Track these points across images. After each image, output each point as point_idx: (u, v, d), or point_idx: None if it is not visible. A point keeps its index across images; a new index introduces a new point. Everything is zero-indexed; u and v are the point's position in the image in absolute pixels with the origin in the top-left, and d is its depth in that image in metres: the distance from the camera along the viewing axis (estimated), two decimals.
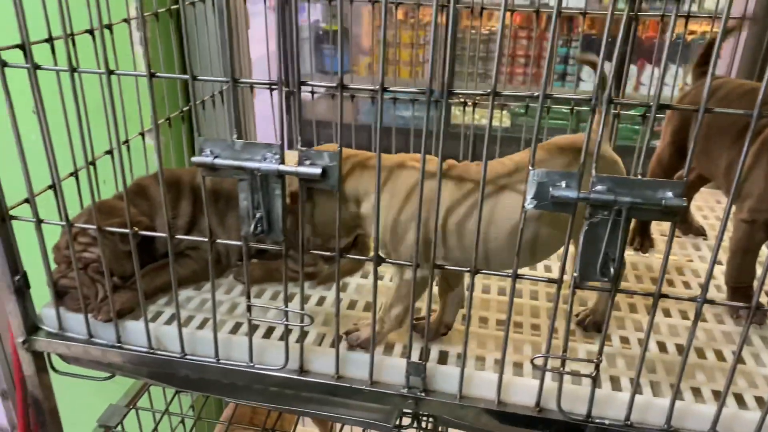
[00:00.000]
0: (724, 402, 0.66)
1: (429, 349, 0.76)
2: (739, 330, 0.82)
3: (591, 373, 0.67)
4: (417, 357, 0.74)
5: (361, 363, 0.75)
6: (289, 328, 0.75)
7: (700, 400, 0.70)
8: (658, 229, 1.08)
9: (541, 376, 0.69)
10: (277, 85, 0.62)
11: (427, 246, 0.69)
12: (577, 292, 0.63)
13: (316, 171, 0.63)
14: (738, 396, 0.71)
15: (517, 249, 0.63)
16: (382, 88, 0.61)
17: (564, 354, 0.66)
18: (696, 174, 1.02)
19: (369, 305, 0.86)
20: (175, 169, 1.01)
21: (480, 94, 0.60)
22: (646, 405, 0.69)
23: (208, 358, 0.79)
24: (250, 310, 0.73)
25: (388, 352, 0.77)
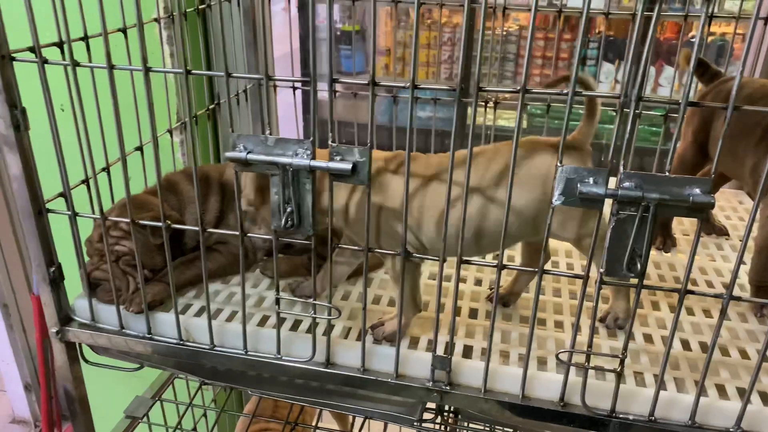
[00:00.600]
0: (749, 399, 0.66)
1: (454, 344, 0.77)
2: (763, 329, 0.82)
3: (615, 368, 0.67)
4: (442, 351, 0.75)
5: (387, 356, 0.76)
6: (316, 321, 0.77)
7: (725, 397, 0.71)
8: (679, 229, 1.09)
9: (566, 371, 0.70)
10: (310, 82, 0.63)
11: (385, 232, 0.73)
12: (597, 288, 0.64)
13: (347, 167, 0.64)
14: (762, 393, 0.71)
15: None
16: (413, 85, 0.62)
17: (589, 349, 0.67)
18: (718, 173, 1.02)
19: (393, 300, 0.87)
20: (203, 165, 1.03)
21: (510, 91, 0.61)
22: (671, 401, 0.70)
23: (236, 350, 0.81)
24: (278, 302, 0.75)
25: (413, 346, 0.78)
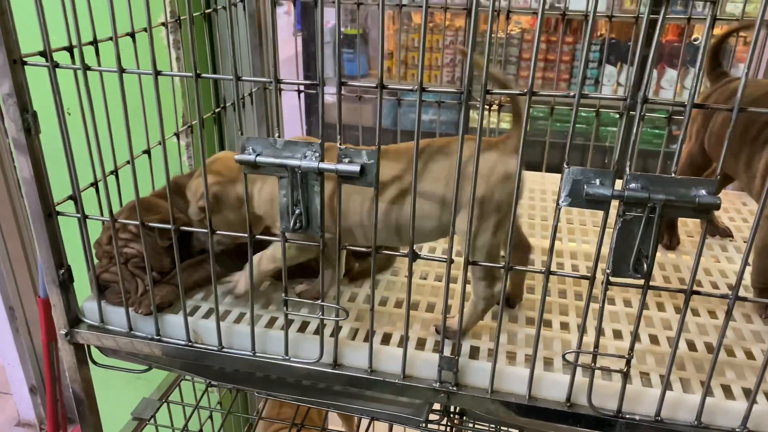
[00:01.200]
0: (755, 399, 0.66)
1: (461, 345, 0.78)
2: (767, 330, 0.83)
3: (622, 368, 0.68)
4: (449, 352, 0.76)
5: (394, 357, 0.76)
6: (324, 323, 0.77)
7: (731, 398, 0.71)
8: (683, 230, 1.09)
9: (572, 371, 0.70)
10: (318, 85, 0.64)
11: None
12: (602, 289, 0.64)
13: (355, 169, 0.65)
14: None
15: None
16: (421, 88, 0.63)
17: (596, 350, 0.68)
18: (722, 174, 1.03)
19: (399, 302, 0.88)
20: None
21: (517, 93, 0.61)
22: (677, 401, 0.70)
23: (244, 351, 0.81)
24: (286, 304, 0.75)
25: (420, 347, 0.79)
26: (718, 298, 0.64)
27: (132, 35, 0.88)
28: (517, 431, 1.05)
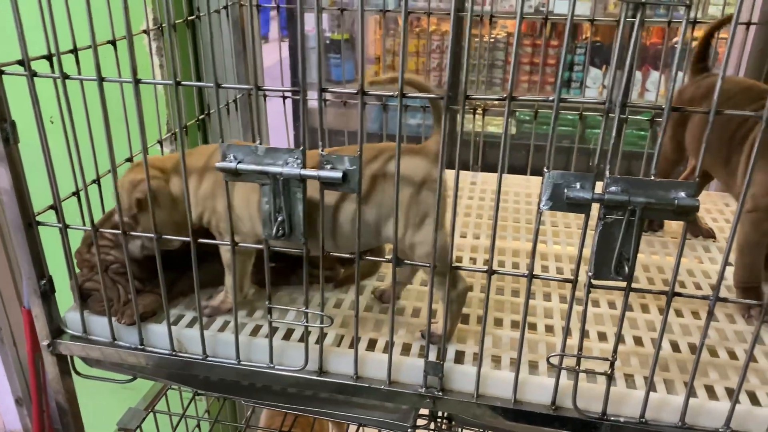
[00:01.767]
0: (737, 399, 0.67)
1: (446, 349, 0.78)
2: (750, 329, 0.84)
3: (606, 371, 0.68)
4: (434, 357, 0.76)
5: (380, 363, 0.76)
6: (309, 330, 0.77)
7: (714, 398, 0.72)
8: (668, 231, 1.10)
9: (557, 375, 0.71)
10: (300, 91, 0.64)
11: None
12: (591, 291, 0.65)
13: (337, 175, 0.65)
14: (751, 393, 0.72)
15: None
16: (402, 95, 0.63)
17: (580, 352, 0.68)
18: (701, 172, 1.05)
19: (384, 307, 0.88)
20: None
21: (496, 99, 0.62)
22: (661, 402, 0.71)
23: (228, 360, 0.81)
24: (270, 312, 0.75)
25: (405, 353, 0.79)
26: (700, 299, 0.64)
27: (113, 43, 0.87)
28: None
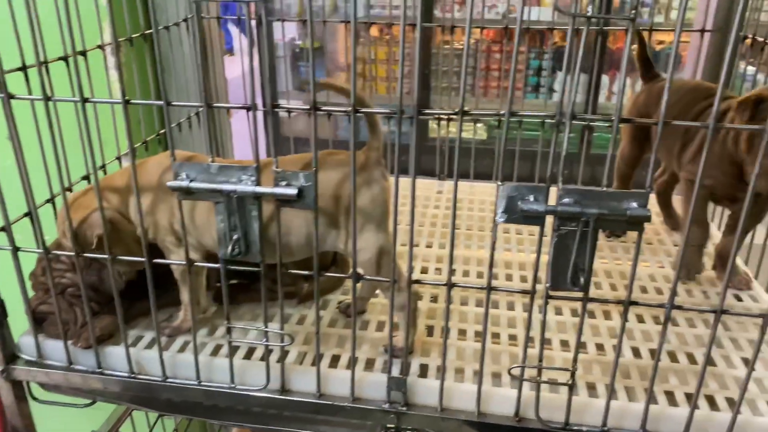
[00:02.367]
0: (696, 404, 0.67)
1: (409, 364, 0.77)
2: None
3: (567, 381, 0.68)
4: (398, 371, 0.75)
5: (343, 380, 0.75)
6: (270, 348, 0.76)
7: (674, 404, 0.72)
8: (653, 234, 1.11)
9: (519, 386, 0.71)
10: (251, 108, 0.63)
11: (173, 232, 0.77)
12: (554, 300, 0.65)
13: (292, 192, 0.64)
14: (710, 398, 0.73)
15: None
16: (354, 110, 0.62)
17: (540, 363, 0.68)
18: (670, 172, 1.09)
19: (348, 323, 0.87)
20: None
21: (448, 114, 0.61)
22: (622, 410, 0.71)
23: (189, 381, 0.79)
24: (230, 331, 0.74)
25: (368, 368, 0.78)
26: (656, 307, 0.65)
27: (65, 60, 0.85)
28: None
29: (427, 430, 0.77)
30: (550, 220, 0.60)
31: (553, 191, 0.58)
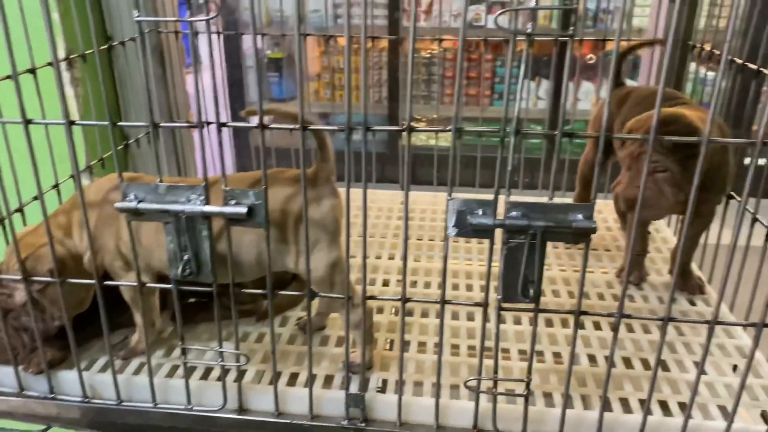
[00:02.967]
0: (649, 410, 0.68)
1: (368, 379, 0.77)
2: (666, 339, 0.86)
3: (523, 392, 0.68)
4: (357, 387, 0.75)
5: (301, 398, 0.75)
6: (227, 368, 0.75)
7: (628, 410, 0.73)
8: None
9: (476, 398, 0.71)
10: (197, 125, 0.63)
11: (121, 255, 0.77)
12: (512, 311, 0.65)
13: (242, 210, 0.63)
14: (663, 403, 0.74)
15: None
16: (303, 127, 0.62)
17: (495, 375, 0.68)
18: None
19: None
20: None
21: (396, 129, 0.62)
22: (578, 419, 0.72)
23: (145, 404, 0.78)
24: (184, 352, 0.73)
25: (328, 385, 0.77)
26: (605, 316, 0.65)
27: (14, 77, 0.84)
28: None
29: None
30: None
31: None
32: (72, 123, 0.65)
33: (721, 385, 0.78)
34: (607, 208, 1.25)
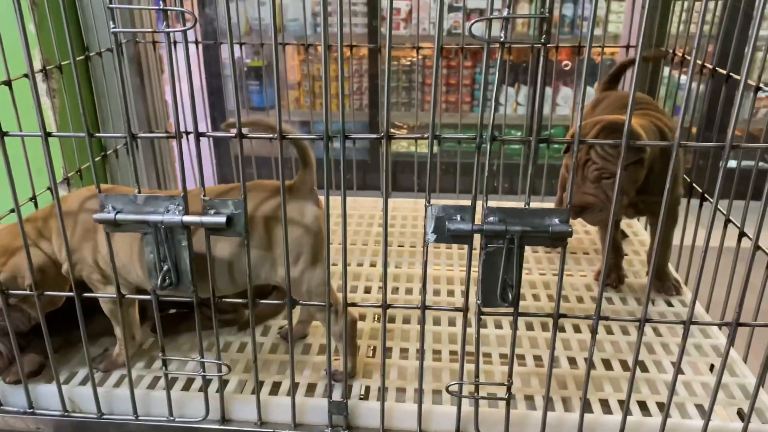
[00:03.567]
0: (628, 410, 0.69)
1: (351, 387, 0.77)
2: (645, 340, 0.87)
3: (504, 395, 0.69)
4: (340, 394, 0.75)
5: (284, 406, 0.75)
6: (208, 378, 0.75)
7: (608, 411, 0.74)
8: (578, 247, 1.14)
9: (458, 403, 0.71)
10: (174, 136, 0.63)
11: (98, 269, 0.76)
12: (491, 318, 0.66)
13: (221, 220, 0.64)
14: (642, 403, 0.75)
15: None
16: (281, 136, 0.63)
17: (476, 379, 0.69)
18: None
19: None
20: None
21: (374, 137, 0.62)
22: (559, 421, 0.72)
23: (126, 417, 0.77)
24: (165, 363, 0.72)
25: (309, 393, 0.77)
26: (583, 319, 0.66)
27: None
28: None
29: None
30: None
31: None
32: (48, 135, 0.65)
33: (698, 385, 0.79)
34: None
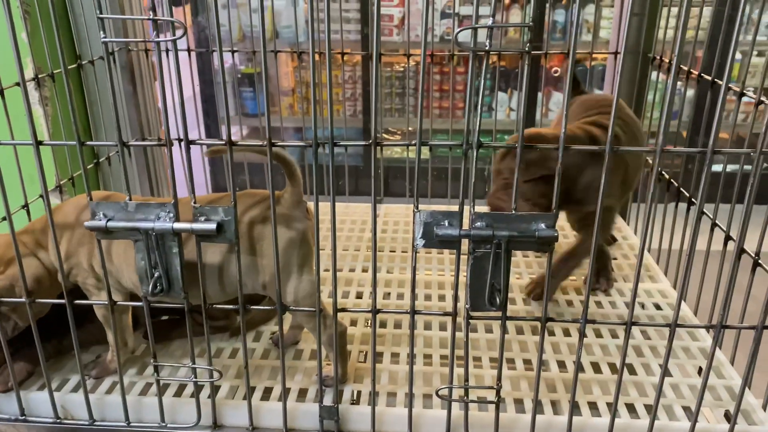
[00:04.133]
0: (616, 412, 0.70)
1: (342, 391, 0.77)
2: (632, 343, 0.88)
3: (494, 399, 0.70)
4: (331, 399, 0.75)
5: (275, 412, 0.75)
6: (200, 384, 0.75)
7: (597, 414, 0.75)
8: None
9: (448, 407, 0.72)
10: (165, 144, 0.63)
11: (94, 274, 0.76)
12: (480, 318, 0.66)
13: (211, 227, 0.64)
14: (630, 405, 0.76)
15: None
16: (270, 143, 0.63)
17: (466, 383, 0.69)
18: None
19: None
20: None
21: (362, 144, 0.63)
22: (548, 424, 0.73)
23: (118, 423, 0.77)
24: (156, 369, 0.72)
25: (302, 398, 0.78)
26: (571, 323, 0.67)
27: None
28: None
29: None
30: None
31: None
32: (40, 143, 0.65)
33: (685, 387, 0.80)
34: None
